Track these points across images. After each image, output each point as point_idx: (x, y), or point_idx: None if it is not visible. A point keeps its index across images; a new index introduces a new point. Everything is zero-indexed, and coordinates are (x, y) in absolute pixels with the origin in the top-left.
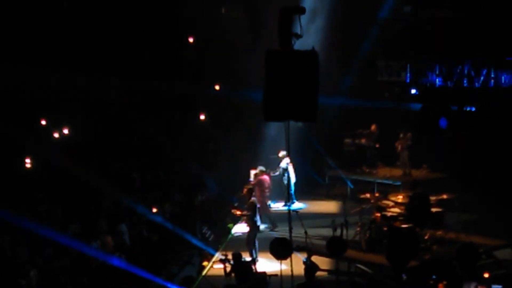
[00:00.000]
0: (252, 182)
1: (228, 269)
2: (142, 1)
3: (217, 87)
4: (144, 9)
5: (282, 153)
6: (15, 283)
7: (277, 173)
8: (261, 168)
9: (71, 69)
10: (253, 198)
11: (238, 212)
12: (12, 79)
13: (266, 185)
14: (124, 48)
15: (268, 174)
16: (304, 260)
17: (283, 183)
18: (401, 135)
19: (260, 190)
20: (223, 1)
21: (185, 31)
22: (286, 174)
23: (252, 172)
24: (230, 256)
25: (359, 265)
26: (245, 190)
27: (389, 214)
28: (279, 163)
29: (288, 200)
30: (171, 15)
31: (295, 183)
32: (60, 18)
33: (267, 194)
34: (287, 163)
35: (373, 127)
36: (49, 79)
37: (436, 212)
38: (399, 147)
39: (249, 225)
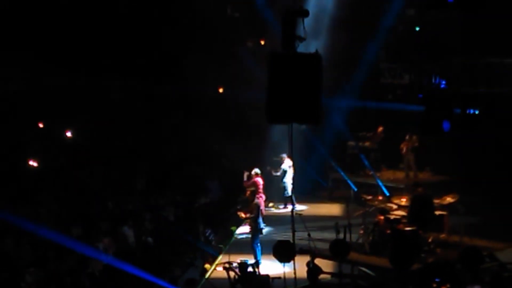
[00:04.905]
0: (246, 183)
1: (232, 275)
2: (145, 3)
3: (220, 90)
4: (148, 11)
5: (282, 155)
6: (17, 285)
7: (279, 173)
8: (256, 170)
9: (75, 71)
10: (256, 200)
11: (243, 215)
12: (17, 82)
13: (260, 187)
14: (127, 50)
15: (261, 177)
16: (307, 262)
17: (282, 185)
18: (407, 137)
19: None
20: (227, 2)
21: (189, 33)
22: (285, 176)
23: (246, 174)
24: (234, 264)
25: (362, 268)
26: (248, 192)
27: (392, 217)
28: (280, 164)
29: (288, 202)
30: (174, 17)
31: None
32: (65, 20)
33: (262, 196)
34: (289, 166)
35: (380, 129)
36: (54, 82)
37: (440, 214)
38: (404, 149)
39: (251, 227)
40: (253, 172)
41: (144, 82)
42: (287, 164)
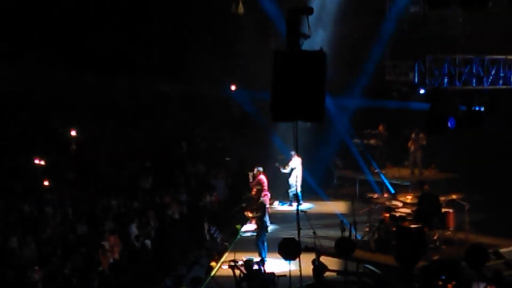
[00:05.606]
0: (252, 184)
1: (238, 273)
2: (151, 2)
3: (233, 87)
4: (153, 10)
5: (292, 153)
6: (23, 283)
7: (287, 170)
8: (259, 168)
9: (81, 70)
10: (262, 199)
11: (250, 214)
12: (23, 80)
13: (265, 185)
14: (133, 49)
15: (265, 174)
16: (313, 260)
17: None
18: (413, 135)
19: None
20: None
21: (195, 31)
22: (292, 174)
23: (251, 174)
24: (239, 262)
25: (367, 266)
26: (254, 190)
27: (397, 214)
28: (288, 162)
29: (293, 200)
30: (178, 16)
31: (301, 185)
32: (69, 19)
33: (267, 194)
34: (297, 164)
35: (380, 127)
36: (59, 80)
37: (445, 212)
38: (412, 148)
39: (258, 225)
40: (255, 171)
41: (148, 80)
42: (295, 162)
